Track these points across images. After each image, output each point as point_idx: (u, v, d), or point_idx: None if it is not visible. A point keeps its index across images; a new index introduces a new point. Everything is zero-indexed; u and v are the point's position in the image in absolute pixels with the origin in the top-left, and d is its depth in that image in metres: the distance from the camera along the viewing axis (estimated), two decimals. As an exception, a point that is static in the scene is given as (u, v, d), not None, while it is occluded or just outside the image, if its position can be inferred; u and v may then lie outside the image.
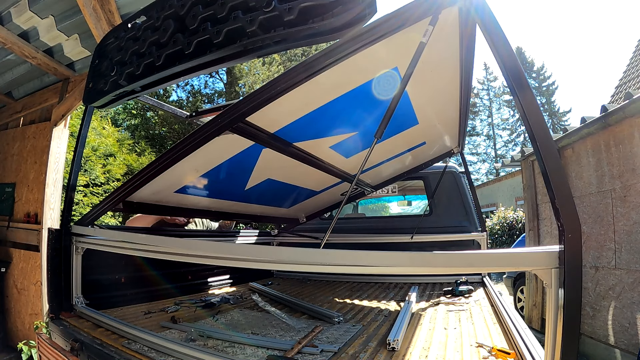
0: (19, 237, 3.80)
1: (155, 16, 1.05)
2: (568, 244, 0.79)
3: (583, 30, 65.53)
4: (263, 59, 15.34)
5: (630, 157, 3.44)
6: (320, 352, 1.49)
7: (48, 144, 3.69)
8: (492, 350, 1.41)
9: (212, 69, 1.00)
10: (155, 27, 1.04)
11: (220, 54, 0.93)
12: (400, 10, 1.00)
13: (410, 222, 3.45)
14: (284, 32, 0.84)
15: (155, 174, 1.53)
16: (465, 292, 2.53)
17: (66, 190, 1.94)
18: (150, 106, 8.42)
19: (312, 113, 1.61)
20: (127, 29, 1.13)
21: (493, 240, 12.24)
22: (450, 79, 1.67)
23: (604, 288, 3.76)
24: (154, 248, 1.48)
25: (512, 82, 0.87)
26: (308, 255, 1.12)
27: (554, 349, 0.81)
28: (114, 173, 7.38)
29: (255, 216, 3.19)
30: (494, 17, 0.92)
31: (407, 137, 2.32)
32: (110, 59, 1.14)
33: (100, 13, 2.71)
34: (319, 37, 0.83)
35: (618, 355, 3.48)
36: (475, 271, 2.76)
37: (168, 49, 0.99)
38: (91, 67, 1.21)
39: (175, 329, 1.78)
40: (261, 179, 2.27)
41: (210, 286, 2.96)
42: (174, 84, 13.42)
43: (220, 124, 1.32)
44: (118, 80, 1.09)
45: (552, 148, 0.85)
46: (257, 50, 0.90)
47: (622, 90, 8.28)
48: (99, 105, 1.23)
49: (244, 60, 0.98)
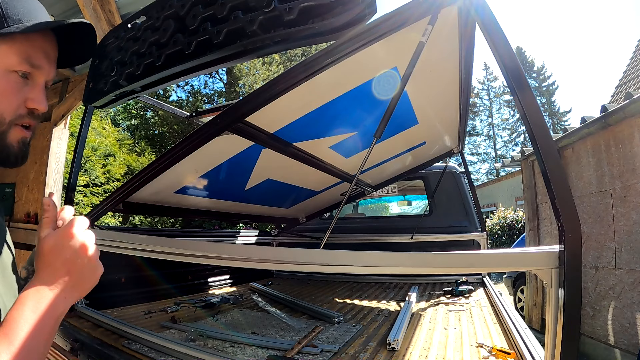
0: (19, 237, 3.79)
1: (155, 16, 1.05)
2: (568, 244, 0.79)
3: (583, 30, 65.55)
4: (263, 59, 15.34)
5: (630, 157, 3.44)
6: (320, 352, 1.49)
7: (48, 144, 3.69)
8: (492, 350, 1.41)
9: (212, 69, 1.00)
10: (155, 27, 1.04)
11: (220, 54, 0.92)
12: (400, 10, 1.00)
13: (410, 222, 3.45)
14: (284, 32, 0.84)
15: (155, 175, 1.53)
16: (465, 292, 2.53)
17: (66, 190, 1.94)
18: (150, 106, 8.43)
19: (312, 113, 1.61)
20: (127, 29, 1.13)
21: (493, 240, 12.23)
22: (450, 78, 1.67)
23: (604, 288, 3.76)
24: (154, 248, 1.47)
25: (512, 82, 0.87)
26: (308, 255, 1.12)
27: (554, 349, 0.81)
28: (114, 173, 7.38)
29: (255, 216, 3.19)
30: (494, 17, 0.91)
31: (407, 137, 2.32)
32: (110, 59, 1.14)
33: (100, 13, 2.71)
34: (319, 37, 0.82)
35: (618, 355, 3.48)
36: (475, 271, 2.76)
37: (168, 49, 0.98)
38: (91, 67, 1.21)
39: (175, 329, 1.78)
40: (261, 179, 2.27)
41: (210, 286, 2.96)
42: (174, 84, 13.42)
43: (220, 124, 1.32)
44: (118, 80, 1.09)
45: (552, 148, 0.85)
46: (257, 50, 0.90)
47: (622, 90, 8.28)
48: (99, 105, 1.23)
49: (244, 60, 0.98)
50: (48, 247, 0.52)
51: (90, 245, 0.54)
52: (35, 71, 0.59)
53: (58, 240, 0.53)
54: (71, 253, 0.52)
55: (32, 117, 0.60)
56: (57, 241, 0.53)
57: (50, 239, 0.53)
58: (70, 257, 0.52)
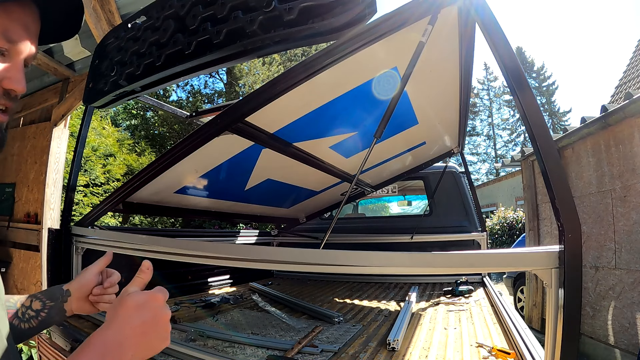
0: (19, 237, 3.80)
1: (155, 16, 1.05)
2: (568, 244, 0.79)
3: (583, 31, 65.57)
4: (263, 59, 15.34)
5: (630, 157, 3.44)
6: (320, 352, 1.49)
7: (48, 144, 3.69)
8: (492, 350, 1.41)
9: (212, 69, 1.00)
10: (155, 27, 1.04)
11: (220, 54, 0.93)
12: (400, 10, 1.00)
13: (410, 222, 3.45)
14: (284, 32, 0.84)
15: (155, 175, 1.53)
16: (465, 292, 2.53)
17: (66, 191, 1.94)
18: (150, 106, 8.44)
19: (312, 113, 1.61)
20: (127, 29, 1.13)
21: (493, 240, 12.23)
22: (450, 78, 1.67)
23: (604, 288, 3.76)
24: (154, 248, 1.48)
25: (512, 82, 0.87)
26: (308, 255, 1.12)
27: (554, 349, 0.81)
28: (114, 173, 7.38)
29: (255, 216, 3.19)
30: (494, 17, 0.91)
31: (407, 137, 2.32)
32: (110, 59, 1.14)
33: (100, 13, 2.71)
34: (318, 37, 0.83)
35: (618, 355, 3.48)
36: (475, 271, 2.76)
37: (168, 49, 0.99)
38: (91, 67, 1.21)
39: (175, 329, 1.78)
40: (261, 179, 2.27)
41: (210, 286, 2.96)
42: (174, 84, 13.43)
43: (220, 124, 1.32)
44: (118, 80, 1.09)
45: (552, 148, 0.85)
46: (257, 50, 0.90)
47: (622, 90, 8.28)
48: (99, 105, 1.23)
49: (244, 60, 0.98)
50: (134, 303, 0.53)
51: (169, 316, 0.55)
52: (12, 47, 0.52)
53: (146, 301, 0.53)
54: (152, 317, 0.53)
55: (8, 99, 0.53)
56: (145, 301, 0.53)
57: (138, 297, 0.54)
58: (149, 320, 0.52)
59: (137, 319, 0.52)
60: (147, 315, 0.52)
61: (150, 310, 0.53)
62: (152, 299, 0.54)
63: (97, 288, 0.78)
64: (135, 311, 0.52)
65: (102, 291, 0.78)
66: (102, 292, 0.78)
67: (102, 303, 0.78)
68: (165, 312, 0.55)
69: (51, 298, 0.76)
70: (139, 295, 0.54)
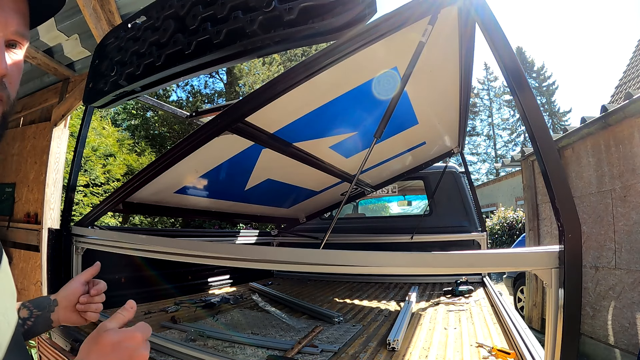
0: (19, 237, 3.80)
1: (155, 16, 1.05)
2: (568, 244, 0.79)
3: (583, 31, 65.55)
4: (263, 59, 15.34)
5: (630, 157, 3.44)
6: (320, 352, 1.49)
7: (48, 144, 3.69)
8: (492, 350, 1.41)
9: (212, 69, 1.00)
10: (155, 27, 1.04)
11: (220, 54, 0.93)
12: (400, 10, 1.00)
13: (410, 222, 3.45)
14: (284, 32, 0.84)
15: (155, 175, 1.53)
16: (465, 292, 2.53)
17: (66, 191, 1.94)
18: (150, 106, 8.43)
19: (312, 113, 1.61)
20: (127, 29, 1.13)
21: (493, 240, 12.23)
22: (450, 78, 1.67)
23: (604, 288, 3.76)
24: (154, 248, 1.48)
25: (512, 82, 0.87)
26: (308, 255, 1.12)
27: (554, 349, 0.81)
28: (114, 173, 7.38)
29: (255, 216, 3.19)
30: (494, 17, 0.91)
31: (407, 137, 2.32)
32: (110, 59, 1.14)
33: (100, 13, 2.71)
34: (319, 37, 0.83)
35: (618, 355, 3.48)
36: (475, 271, 2.76)
37: (168, 49, 0.99)
38: (91, 67, 1.21)
39: (175, 329, 1.78)
40: (261, 179, 2.27)
41: (210, 286, 2.96)
42: (174, 84, 13.44)
43: (220, 124, 1.32)
44: (118, 80, 1.09)
45: (552, 148, 0.85)
46: (257, 50, 0.90)
47: (622, 90, 8.28)
48: (99, 105, 1.23)
49: (244, 60, 0.98)
50: (111, 340, 0.52)
51: (146, 357, 0.54)
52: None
53: (123, 339, 0.52)
54: (128, 356, 0.52)
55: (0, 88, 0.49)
56: (122, 339, 0.52)
57: (116, 334, 0.52)
58: (125, 358, 0.52)
59: (113, 356, 0.50)
60: (123, 355, 0.51)
61: (126, 351, 0.51)
62: (129, 338, 0.52)
63: (84, 297, 0.77)
64: (111, 350, 0.51)
65: (89, 300, 0.77)
66: (89, 300, 0.77)
67: (89, 312, 0.78)
68: (142, 353, 0.53)
69: (39, 307, 0.76)
70: (116, 334, 0.52)
